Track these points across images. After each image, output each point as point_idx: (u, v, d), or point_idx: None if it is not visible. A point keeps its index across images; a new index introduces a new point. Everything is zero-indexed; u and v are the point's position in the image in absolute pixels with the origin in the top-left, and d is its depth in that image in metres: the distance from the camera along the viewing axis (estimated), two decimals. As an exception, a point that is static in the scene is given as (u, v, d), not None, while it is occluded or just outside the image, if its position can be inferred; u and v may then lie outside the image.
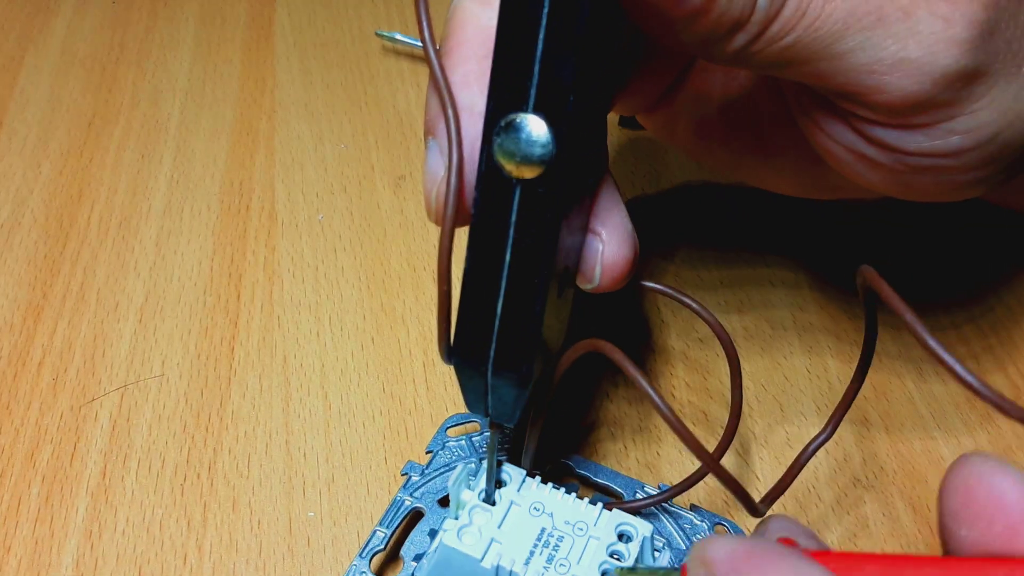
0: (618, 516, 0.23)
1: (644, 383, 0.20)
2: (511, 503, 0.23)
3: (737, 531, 0.25)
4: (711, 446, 0.28)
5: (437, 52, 0.20)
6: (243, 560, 0.26)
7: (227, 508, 0.27)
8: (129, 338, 0.32)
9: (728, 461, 0.28)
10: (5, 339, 0.32)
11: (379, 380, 0.31)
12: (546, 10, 0.18)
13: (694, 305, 0.24)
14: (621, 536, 0.23)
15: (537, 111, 0.18)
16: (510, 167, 0.18)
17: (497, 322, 0.20)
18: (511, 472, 0.24)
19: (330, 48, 0.45)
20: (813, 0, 0.19)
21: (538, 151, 0.18)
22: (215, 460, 0.28)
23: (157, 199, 0.37)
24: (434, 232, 0.36)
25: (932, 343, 0.17)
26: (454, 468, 0.26)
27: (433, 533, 0.25)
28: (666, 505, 0.25)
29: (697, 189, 0.38)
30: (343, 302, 0.33)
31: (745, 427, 0.29)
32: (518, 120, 0.18)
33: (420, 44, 0.43)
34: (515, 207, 0.19)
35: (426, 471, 0.26)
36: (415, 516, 0.25)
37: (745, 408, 0.29)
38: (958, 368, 0.17)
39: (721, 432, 0.28)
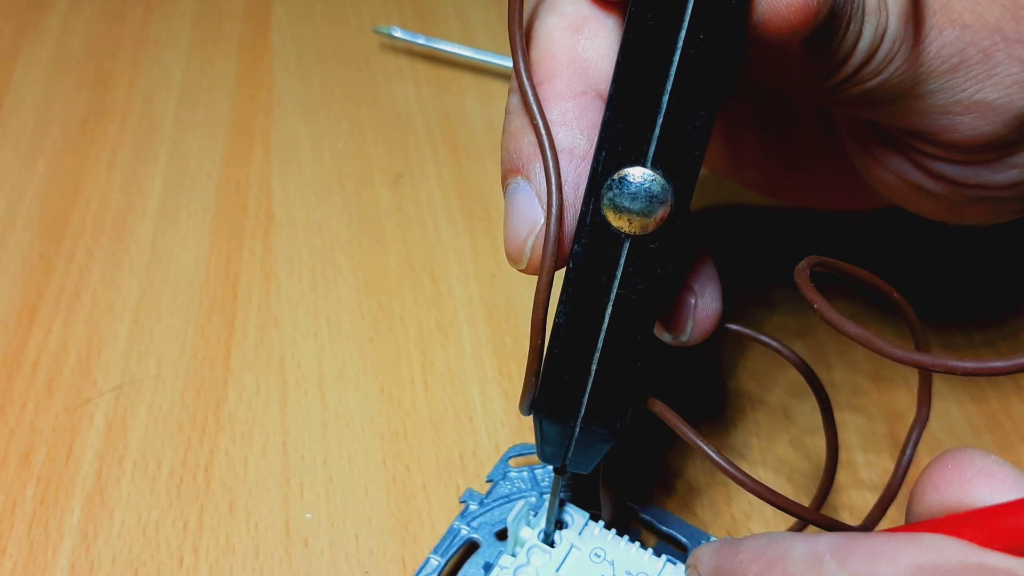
0: (683, 571, 0.22)
1: (707, 449, 0.20)
2: (571, 546, 0.23)
3: None
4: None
5: (533, 86, 0.19)
6: (240, 563, 0.26)
7: (224, 510, 0.27)
8: (124, 338, 0.31)
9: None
10: (-1, 339, 0.31)
11: (377, 381, 0.30)
12: (677, 56, 0.16)
13: (783, 349, 0.23)
14: None
15: (656, 166, 0.17)
16: (620, 222, 0.17)
17: (592, 377, 0.19)
18: (573, 514, 0.23)
19: (328, 44, 0.45)
20: (903, 44, 0.19)
21: (656, 207, 0.17)
22: (211, 462, 0.28)
23: (153, 197, 0.37)
24: (433, 231, 0.36)
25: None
26: (514, 500, 0.26)
27: (488, 567, 0.24)
28: None
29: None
30: (341, 302, 0.33)
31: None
32: (633, 174, 0.17)
33: (419, 41, 0.43)
34: (622, 262, 0.18)
35: (485, 501, 0.26)
36: (470, 546, 0.25)
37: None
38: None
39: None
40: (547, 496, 0.26)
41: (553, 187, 0.18)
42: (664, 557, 0.23)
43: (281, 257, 0.34)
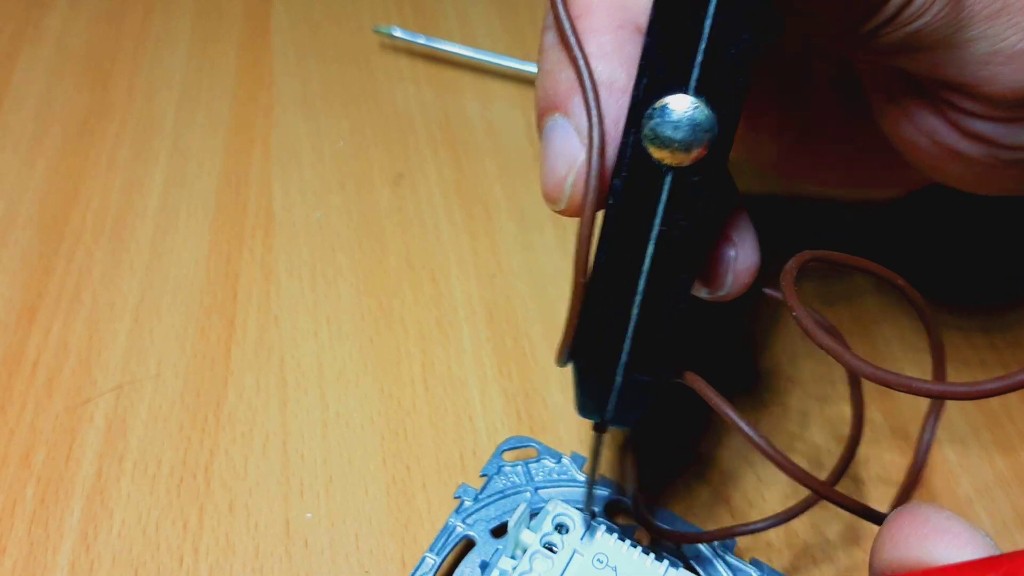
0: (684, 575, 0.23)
1: (737, 419, 0.19)
2: (574, 551, 0.22)
3: None
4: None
5: (571, 19, 0.18)
6: (240, 562, 0.26)
7: (224, 510, 0.27)
8: (124, 338, 0.31)
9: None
10: (-1, 339, 0.31)
11: (377, 381, 0.30)
12: None
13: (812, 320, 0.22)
14: None
15: (700, 93, 0.16)
16: (662, 154, 0.17)
17: (634, 322, 0.18)
18: (574, 518, 0.23)
19: (328, 44, 0.45)
20: None
21: (699, 137, 0.16)
22: (211, 461, 0.28)
23: (153, 197, 0.37)
24: (433, 231, 0.36)
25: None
26: (508, 496, 0.25)
27: (484, 565, 0.24)
28: (727, 557, 0.25)
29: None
30: (341, 302, 0.33)
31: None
32: (675, 103, 0.16)
33: (419, 41, 0.43)
34: (664, 196, 0.17)
35: (479, 496, 0.25)
36: (466, 543, 0.25)
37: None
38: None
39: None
40: (544, 492, 0.26)
41: (595, 118, 0.17)
42: (666, 562, 0.23)
43: (281, 257, 0.34)
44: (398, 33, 0.44)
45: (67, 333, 0.32)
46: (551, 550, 0.23)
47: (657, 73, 0.16)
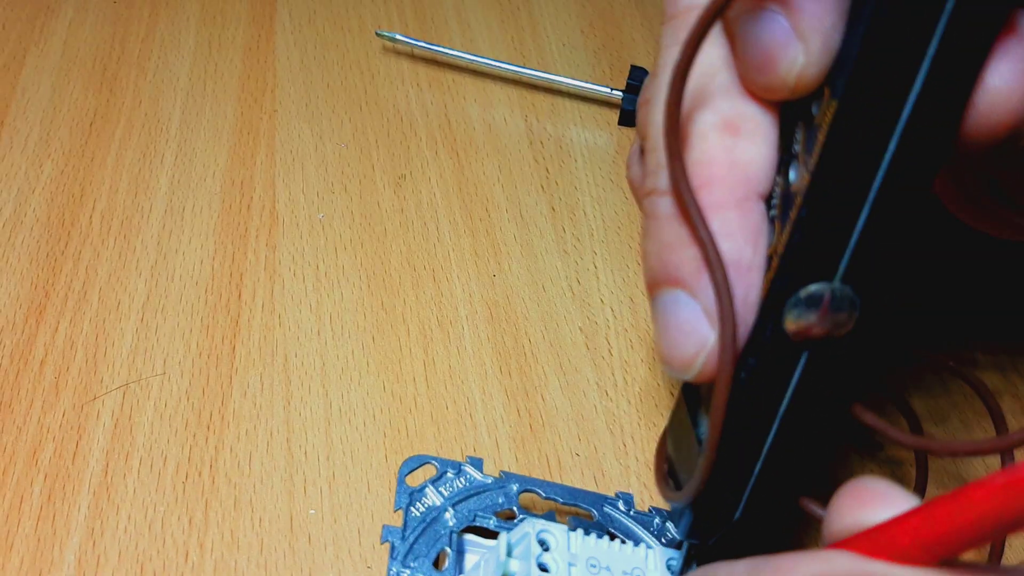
0: (662, 552, 0.23)
1: None
2: (569, 565, 0.23)
3: None
4: None
5: (695, 199, 0.17)
6: (244, 558, 0.26)
7: (228, 506, 0.27)
8: (131, 337, 0.32)
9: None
10: (7, 338, 0.32)
11: (379, 378, 0.31)
12: (880, 178, 0.15)
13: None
14: (669, 568, 0.23)
15: (846, 283, 0.16)
16: (802, 335, 0.17)
17: (754, 478, 0.19)
18: (555, 532, 0.23)
19: (331, 48, 0.45)
20: None
21: (842, 322, 0.17)
22: (216, 458, 0.28)
23: (158, 198, 0.37)
24: (434, 232, 0.36)
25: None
26: (430, 522, 0.25)
27: None
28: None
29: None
30: (343, 301, 0.33)
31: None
32: (821, 292, 0.16)
33: (421, 45, 0.44)
34: (798, 372, 0.17)
35: (405, 534, 0.25)
36: None
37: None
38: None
39: None
40: (461, 506, 0.26)
41: (726, 303, 0.17)
42: (642, 545, 0.23)
43: (285, 257, 0.35)
44: (400, 37, 0.44)
45: (74, 332, 0.32)
46: (544, 570, 0.23)
47: (803, 265, 0.16)
